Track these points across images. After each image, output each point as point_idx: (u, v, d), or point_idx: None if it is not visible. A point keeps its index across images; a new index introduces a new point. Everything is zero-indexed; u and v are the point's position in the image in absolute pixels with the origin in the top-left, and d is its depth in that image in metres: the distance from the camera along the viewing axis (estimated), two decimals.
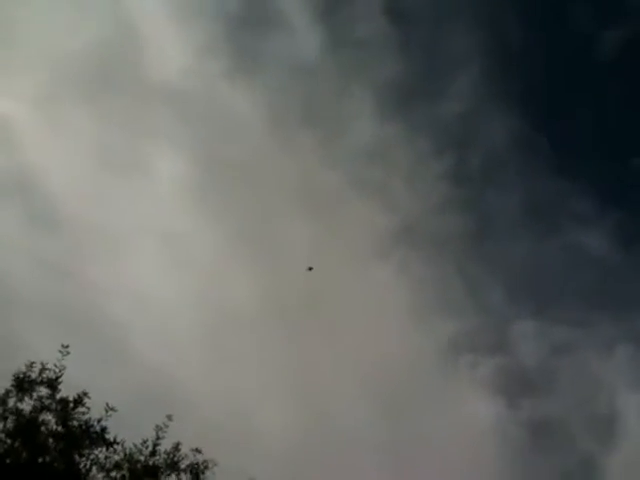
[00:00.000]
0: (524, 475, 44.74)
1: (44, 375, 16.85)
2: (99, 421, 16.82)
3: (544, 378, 52.79)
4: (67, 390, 17.16)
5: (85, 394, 16.89)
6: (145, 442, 17.49)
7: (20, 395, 16.65)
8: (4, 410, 16.44)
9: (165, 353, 40.11)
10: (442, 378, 50.09)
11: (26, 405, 16.63)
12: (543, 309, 58.26)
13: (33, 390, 16.75)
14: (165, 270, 48.26)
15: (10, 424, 16.25)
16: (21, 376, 16.81)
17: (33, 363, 16.99)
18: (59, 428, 16.37)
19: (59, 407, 16.52)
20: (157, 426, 17.66)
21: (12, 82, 48.81)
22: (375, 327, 51.63)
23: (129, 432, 18.38)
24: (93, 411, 17.03)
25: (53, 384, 16.76)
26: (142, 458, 17.47)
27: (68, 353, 16.92)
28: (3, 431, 16.17)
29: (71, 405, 16.63)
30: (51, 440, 16.15)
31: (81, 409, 16.76)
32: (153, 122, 53.37)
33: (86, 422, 16.69)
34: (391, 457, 41.70)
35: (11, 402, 16.58)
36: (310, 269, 30.36)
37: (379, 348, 49.56)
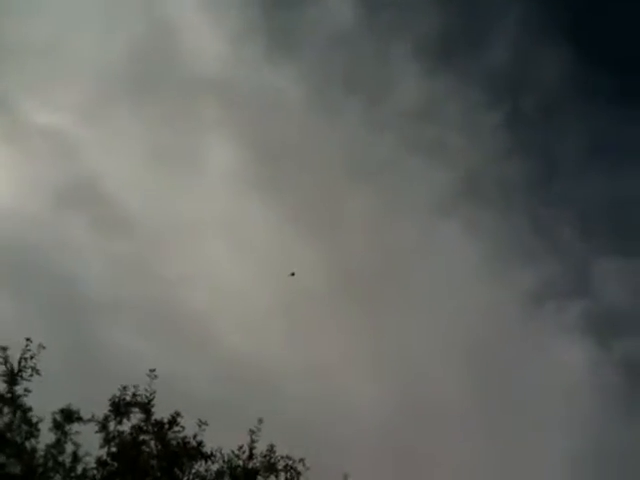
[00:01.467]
0: (627, 414, 43.84)
1: (137, 398, 17.57)
2: (194, 437, 17.52)
3: (634, 316, 50.99)
4: (161, 394, 17.92)
5: (178, 414, 17.56)
6: (241, 447, 18.14)
7: (119, 419, 17.48)
8: (106, 434, 17.31)
9: (245, 336, 41.09)
10: (526, 328, 49.37)
11: (125, 427, 17.45)
12: (625, 245, 55.78)
13: (130, 412, 17.53)
14: (232, 256, 49.17)
15: (113, 447, 17.12)
16: (116, 400, 17.60)
17: (125, 387, 17.74)
18: (158, 447, 17.13)
19: (155, 429, 17.26)
20: (250, 430, 18.24)
21: (57, 93, 50.11)
22: (449, 286, 51.14)
23: (219, 418, 19.13)
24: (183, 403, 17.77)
25: (146, 408, 17.48)
26: (241, 463, 18.15)
27: (156, 377, 17.57)
28: (108, 455, 17.07)
29: (166, 426, 17.35)
30: (152, 460, 16.95)
31: (176, 428, 17.45)
32: (199, 114, 53.82)
33: (183, 439, 17.41)
34: (479, 412, 41.75)
35: (111, 426, 17.45)
36: (292, 274, 30.58)
37: (456, 307, 49.16)
